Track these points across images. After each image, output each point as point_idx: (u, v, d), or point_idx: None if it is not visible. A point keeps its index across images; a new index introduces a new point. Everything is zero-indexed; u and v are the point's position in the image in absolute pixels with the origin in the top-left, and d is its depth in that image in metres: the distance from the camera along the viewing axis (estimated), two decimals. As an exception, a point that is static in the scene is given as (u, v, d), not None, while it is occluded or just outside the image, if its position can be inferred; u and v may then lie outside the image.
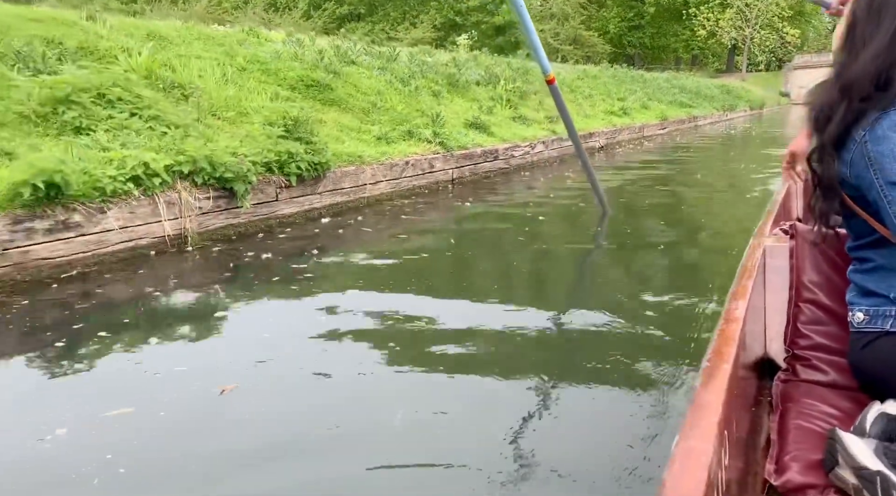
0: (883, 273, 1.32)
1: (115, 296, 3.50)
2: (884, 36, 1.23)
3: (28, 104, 4.80)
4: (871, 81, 1.22)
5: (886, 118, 1.20)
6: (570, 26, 43.99)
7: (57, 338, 2.89)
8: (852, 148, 1.25)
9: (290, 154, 5.25)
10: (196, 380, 2.49)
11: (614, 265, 4.60)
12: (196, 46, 8.36)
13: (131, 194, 4.08)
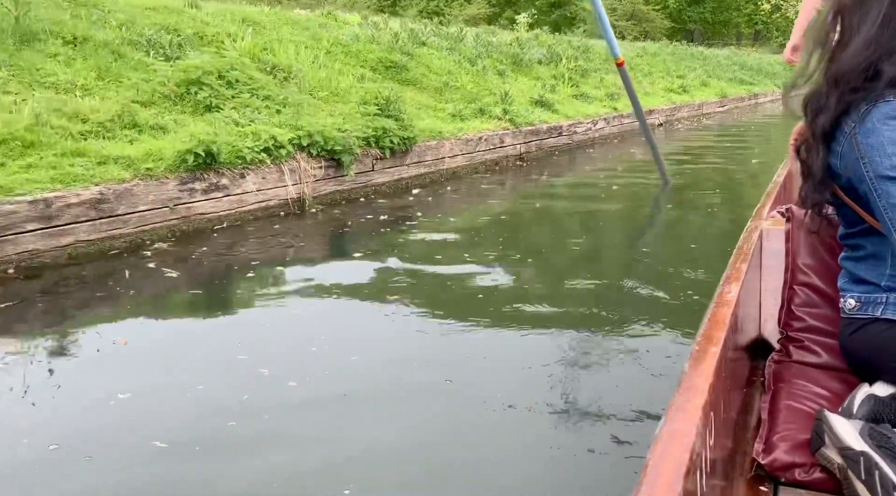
0: (874, 261, 1.33)
1: (250, 245, 4.32)
2: (871, 26, 1.22)
3: (168, 86, 5.66)
4: (860, 72, 1.22)
5: (876, 110, 1.19)
6: (629, 1, 43.52)
7: (206, 269, 3.71)
8: (842, 140, 1.25)
9: (385, 130, 5.99)
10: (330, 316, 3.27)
11: (672, 231, 5.23)
12: (285, 31, 9.15)
13: (264, 163, 4.89)
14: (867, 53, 1.21)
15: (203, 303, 3.36)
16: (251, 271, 3.78)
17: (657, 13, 43.94)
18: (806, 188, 1.37)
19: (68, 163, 4.02)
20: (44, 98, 4.81)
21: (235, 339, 2.78)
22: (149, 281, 3.52)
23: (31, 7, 5.84)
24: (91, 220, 3.82)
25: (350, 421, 2.13)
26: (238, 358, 2.58)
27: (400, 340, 2.84)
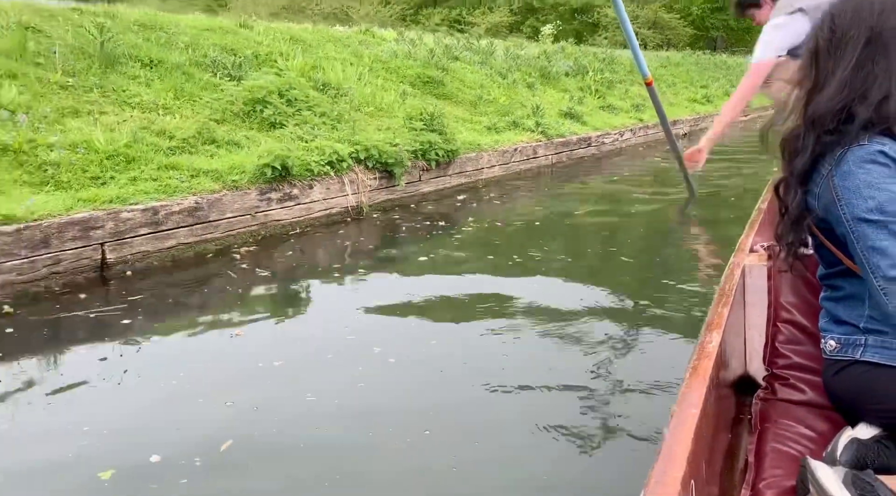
0: (853, 302, 1.33)
1: (322, 247, 4.88)
2: (844, 70, 1.26)
3: (236, 104, 6.26)
4: (835, 115, 1.25)
5: (851, 153, 1.22)
6: (650, 9, 43.77)
7: (292, 268, 4.27)
8: (819, 181, 1.28)
9: (430, 143, 6.54)
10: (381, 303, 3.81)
11: (699, 240, 5.71)
12: (329, 48, 9.76)
13: (328, 175, 5.45)
14: (841, 96, 1.25)
15: (295, 297, 3.91)
16: (327, 269, 4.35)
17: (679, 21, 44.18)
18: (782, 226, 1.40)
19: (166, 176, 4.61)
20: (134, 117, 5.43)
21: (336, 328, 3.32)
22: (246, 279, 4.09)
23: (113, 33, 6.46)
24: (189, 226, 4.40)
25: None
26: (348, 338, 3.13)
27: (435, 338, 3.37)
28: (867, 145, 1.21)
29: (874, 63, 1.24)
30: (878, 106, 1.22)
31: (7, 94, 4.90)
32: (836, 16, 1.31)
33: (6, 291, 3.49)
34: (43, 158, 4.32)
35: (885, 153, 1.21)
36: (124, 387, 2.65)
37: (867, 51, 1.25)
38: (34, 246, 3.59)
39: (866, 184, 1.20)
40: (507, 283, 4.05)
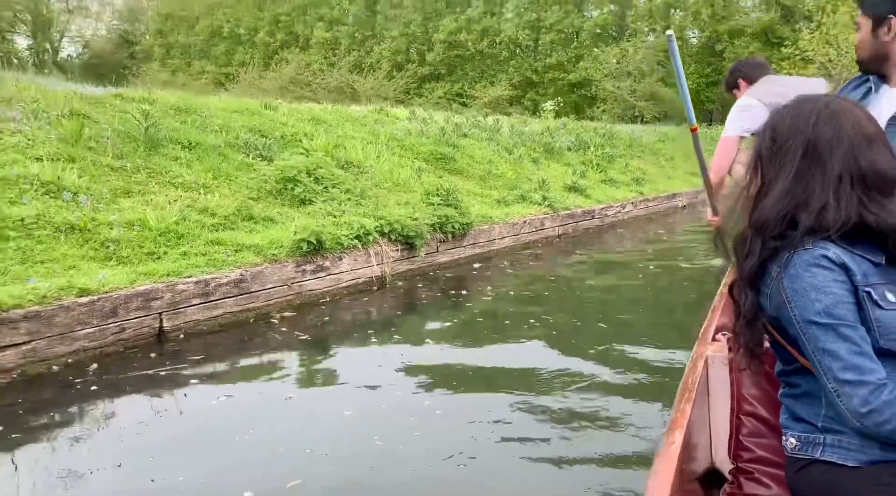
0: (810, 400, 1.34)
1: (351, 314, 5.31)
2: (785, 178, 1.31)
3: (270, 183, 6.80)
4: (779, 221, 1.30)
5: (798, 257, 1.27)
6: (647, 83, 45.31)
7: (327, 333, 4.69)
8: (770, 283, 1.31)
9: (447, 217, 7.05)
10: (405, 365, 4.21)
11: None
12: (348, 127, 10.42)
13: (356, 247, 5.93)
14: (784, 203, 1.30)
15: (333, 360, 4.32)
16: (359, 334, 4.78)
17: (676, 93, 45.63)
18: (738, 327, 1.41)
19: (213, 250, 5.08)
20: (179, 196, 5.95)
21: (380, 385, 3.72)
22: (286, 342, 4.50)
23: (155, 118, 7.07)
24: (234, 296, 4.84)
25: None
26: (396, 394, 3.52)
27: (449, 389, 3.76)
28: (811, 250, 1.26)
29: (811, 174, 1.30)
30: (818, 215, 1.27)
31: (69, 177, 5.43)
32: (776, 125, 1.37)
33: (81, 356, 3.91)
34: (105, 236, 4.80)
35: (828, 257, 1.25)
36: (205, 441, 3.05)
37: (804, 161, 1.30)
38: (104, 315, 4.03)
39: (813, 287, 1.24)
40: (522, 351, 4.46)
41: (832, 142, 1.29)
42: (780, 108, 1.39)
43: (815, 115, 1.32)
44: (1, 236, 4.39)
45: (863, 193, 1.27)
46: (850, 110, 1.33)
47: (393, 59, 74.28)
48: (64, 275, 4.18)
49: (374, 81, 71.17)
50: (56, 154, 5.83)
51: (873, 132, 1.32)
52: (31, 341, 3.68)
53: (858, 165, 1.28)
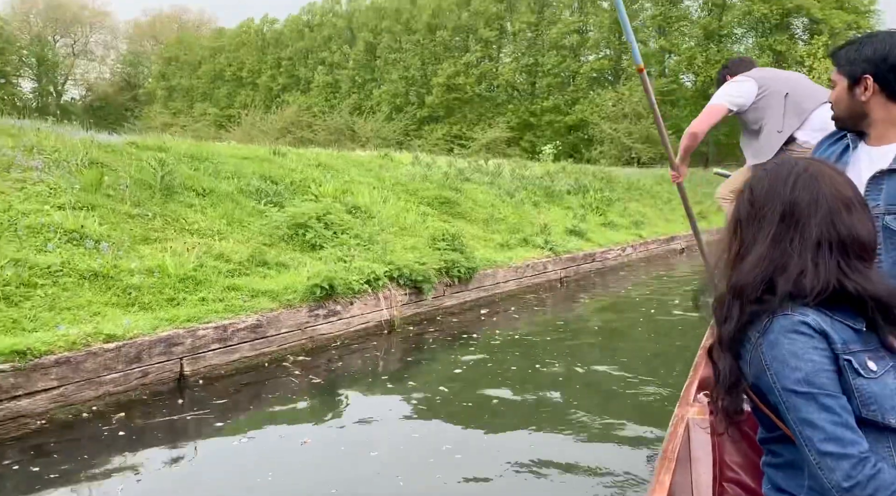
0: (791, 470, 1.31)
1: (362, 358, 5.46)
2: (763, 243, 1.30)
3: (281, 229, 7.00)
4: (758, 285, 1.28)
5: (777, 322, 1.24)
6: (643, 125, 46.07)
7: (340, 377, 4.83)
8: (749, 348, 1.29)
9: (453, 262, 7.24)
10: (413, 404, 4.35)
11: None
12: (354, 172, 10.68)
13: (366, 292, 6.10)
14: (762, 267, 1.29)
15: (346, 403, 4.45)
16: (370, 378, 4.92)
17: (671, 136, 46.34)
18: (717, 391, 1.38)
19: (230, 296, 5.25)
20: (195, 242, 6.14)
21: (396, 429, 3.86)
22: (301, 386, 4.65)
23: (169, 166, 7.30)
24: (251, 341, 5.00)
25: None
26: (413, 436, 3.66)
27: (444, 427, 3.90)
28: (791, 316, 1.24)
29: (790, 239, 1.29)
30: (796, 280, 1.26)
31: (91, 225, 5.63)
32: (754, 188, 1.36)
33: (107, 400, 4.05)
34: (127, 282, 4.98)
35: (808, 324, 1.23)
36: (225, 484, 3.18)
37: (782, 225, 1.30)
38: (129, 361, 4.18)
39: (792, 354, 1.21)
40: (528, 394, 4.60)
41: (810, 206, 1.29)
42: (759, 171, 1.39)
43: (794, 179, 1.32)
44: (29, 283, 4.56)
45: (842, 259, 1.26)
46: (828, 174, 1.32)
47: (392, 102, 75.54)
48: (90, 321, 4.34)
49: (373, 123, 72.25)
50: (77, 202, 6.04)
51: (851, 197, 1.31)
52: (61, 386, 3.83)
53: (837, 231, 1.27)
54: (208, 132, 77.42)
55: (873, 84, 1.76)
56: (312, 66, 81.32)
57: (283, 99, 79.82)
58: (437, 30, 68.54)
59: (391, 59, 73.25)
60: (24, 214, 5.52)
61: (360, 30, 76.04)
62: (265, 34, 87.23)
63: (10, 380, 3.60)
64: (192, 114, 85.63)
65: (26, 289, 4.49)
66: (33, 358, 3.71)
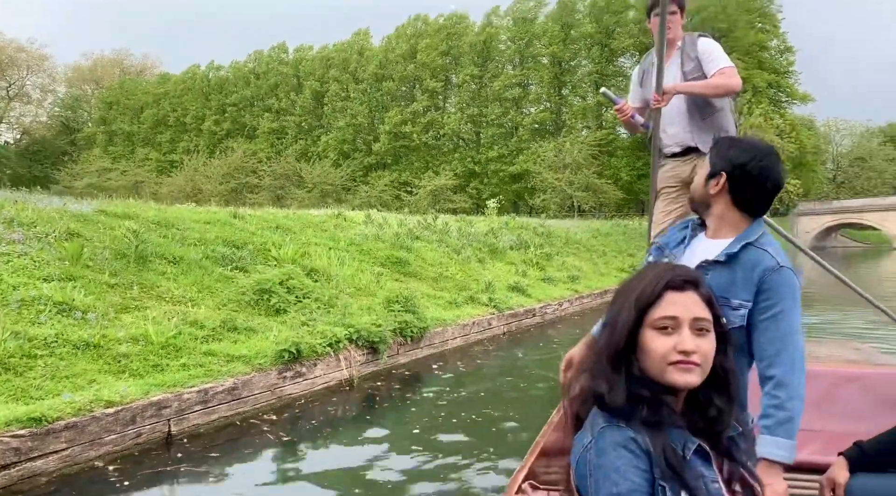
0: None
1: (323, 415, 6.12)
2: (602, 354, 1.38)
3: (247, 294, 7.64)
4: (589, 396, 1.36)
5: (608, 433, 1.27)
6: (584, 175, 48.08)
7: (306, 434, 5.49)
8: (580, 450, 1.32)
9: (407, 322, 7.98)
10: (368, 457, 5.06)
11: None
12: (309, 233, 11.39)
13: (328, 354, 6.77)
14: (590, 381, 1.35)
15: (312, 458, 5.10)
16: (331, 434, 5.58)
17: (610, 185, 48.52)
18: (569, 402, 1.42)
19: (209, 361, 5.86)
20: (171, 310, 6.73)
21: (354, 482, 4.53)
22: (272, 443, 5.28)
23: (143, 236, 7.89)
24: (228, 402, 5.61)
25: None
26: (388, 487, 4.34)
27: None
28: (623, 429, 1.27)
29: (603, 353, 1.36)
30: (608, 395, 1.32)
31: (77, 296, 6.19)
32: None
33: (106, 458, 4.61)
34: (116, 351, 5.56)
35: (636, 441, 1.25)
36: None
37: (604, 338, 1.39)
38: (125, 423, 4.76)
39: (615, 468, 1.23)
40: (479, 445, 5.34)
41: (616, 320, 1.37)
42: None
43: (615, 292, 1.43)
44: (30, 355, 5.11)
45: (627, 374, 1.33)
46: (634, 283, 1.41)
47: (339, 148, 76.35)
48: (88, 388, 4.90)
49: (320, 169, 72.56)
50: (61, 274, 6.59)
51: (612, 311, 1.41)
52: (69, 448, 4.38)
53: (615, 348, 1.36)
54: (150, 177, 76.88)
55: (725, 182, 1.94)
56: (258, 112, 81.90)
57: (227, 144, 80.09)
58: (384, 79, 70.30)
59: (338, 107, 74.52)
60: (14, 288, 6.06)
61: (307, 78, 77.27)
62: (210, 80, 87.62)
63: (28, 444, 4.15)
64: (133, 159, 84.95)
65: (28, 360, 5.04)
66: (47, 423, 4.27)
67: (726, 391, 1.38)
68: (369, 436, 5.54)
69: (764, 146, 1.96)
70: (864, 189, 72.72)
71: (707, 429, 1.35)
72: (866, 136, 78.98)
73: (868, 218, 59.33)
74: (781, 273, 1.87)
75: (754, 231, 1.94)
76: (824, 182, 70.28)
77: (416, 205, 53.59)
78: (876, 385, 3.05)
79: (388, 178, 66.42)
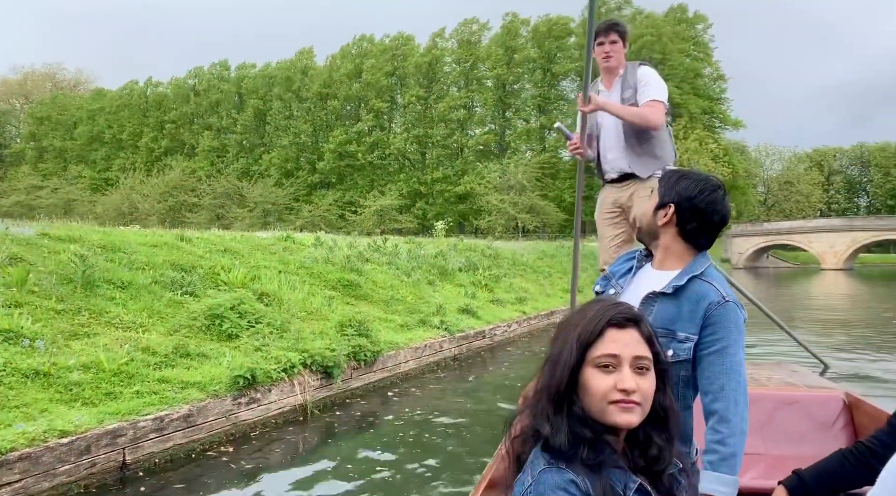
0: None
1: (281, 443, 6.12)
2: (533, 396, 1.40)
3: (199, 320, 7.57)
4: (531, 434, 1.35)
5: (549, 475, 1.27)
6: (528, 196, 48.97)
7: (262, 463, 5.50)
8: (522, 489, 1.31)
9: (360, 346, 8.04)
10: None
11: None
12: (258, 256, 11.32)
13: (283, 379, 6.77)
14: (533, 420, 1.35)
15: (269, 488, 5.11)
16: (287, 462, 5.59)
17: (553, 207, 49.54)
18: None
19: (163, 388, 5.80)
20: (122, 336, 6.63)
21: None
22: (228, 472, 5.26)
23: (90, 261, 7.74)
24: (183, 430, 5.56)
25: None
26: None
27: None
28: (564, 472, 1.26)
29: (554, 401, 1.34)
30: (551, 437, 1.31)
31: (25, 323, 6.05)
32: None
33: (60, 489, 4.52)
34: (67, 379, 5.45)
35: (576, 484, 1.25)
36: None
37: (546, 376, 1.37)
38: (80, 453, 4.68)
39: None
40: (431, 468, 5.44)
41: (558, 358, 1.37)
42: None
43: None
44: (-23, 385, 4.98)
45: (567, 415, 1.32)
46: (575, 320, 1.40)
47: (283, 167, 75.55)
48: (40, 418, 4.81)
49: (262, 188, 71.60)
50: (5, 301, 6.43)
51: (553, 349, 1.40)
52: (22, 479, 4.30)
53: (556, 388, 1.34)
54: (83, 195, 74.41)
55: (673, 214, 1.98)
56: (198, 130, 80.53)
57: (165, 162, 78.41)
58: (329, 98, 70.24)
59: (281, 125, 73.96)
60: (-43, 315, 5.88)
61: (250, 96, 76.50)
62: (148, 96, 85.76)
63: (-20, 477, 4.06)
64: (65, 176, 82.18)
65: (-24, 391, 4.91)
66: (2, 454, 4.18)
67: (665, 429, 1.38)
68: (326, 464, 5.57)
69: (713, 181, 1.99)
70: (793, 211, 76.25)
71: (647, 467, 1.35)
72: (794, 161, 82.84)
73: (796, 239, 62.14)
74: (727, 307, 1.90)
75: (700, 264, 1.97)
76: (756, 204, 73.33)
77: (361, 224, 53.51)
78: (813, 407, 3.20)
79: (332, 197, 66.13)
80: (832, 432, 3.09)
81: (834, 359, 9.44)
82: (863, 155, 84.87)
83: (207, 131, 79.25)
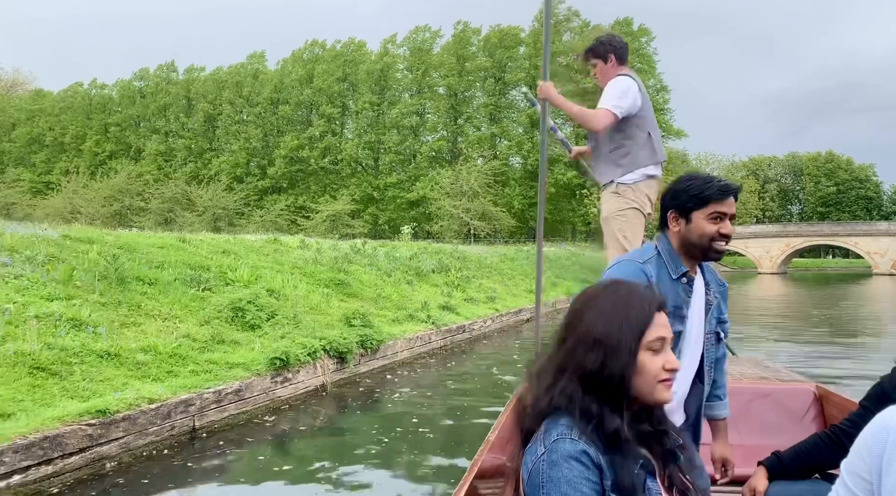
0: None
1: (308, 414, 7.05)
2: (551, 369, 1.42)
3: (224, 312, 8.40)
4: (546, 406, 1.38)
5: (561, 444, 1.29)
6: (480, 202, 50.02)
7: (298, 430, 6.44)
8: (533, 459, 1.33)
9: (367, 336, 8.99)
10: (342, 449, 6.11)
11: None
12: (253, 257, 12.11)
13: (308, 362, 7.68)
14: (546, 397, 1.38)
15: (308, 451, 6.04)
16: (318, 429, 6.54)
17: (504, 213, 50.79)
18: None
19: (213, 368, 6.65)
20: (162, 326, 7.44)
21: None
22: (272, 436, 6.18)
23: (121, 260, 8.48)
24: (235, 402, 6.44)
25: None
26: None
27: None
28: (577, 442, 1.30)
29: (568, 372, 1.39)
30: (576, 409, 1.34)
31: (86, 313, 6.81)
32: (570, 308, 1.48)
33: (150, 448, 5.37)
34: (134, 359, 6.27)
35: (589, 455, 1.28)
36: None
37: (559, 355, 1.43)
38: (164, 417, 5.53)
39: (567, 481, 1.26)
40: (428, 444, 6.46)
41: (617, 345, 1.36)
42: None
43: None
44: (66, 362, 5.77)
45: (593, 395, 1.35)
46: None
47: (233, 172, 74.83)
48: (128, 389, 5.63)
49: (212, 193, 70.69)
50: (58, 294, 7.16)
51: (603, 333, 1.37)
52: (125, 436, 5.14)
53: (582, 366, 1.37)
54: (22, 199, 72.37)
55: (677, 214, 2.10)
56: (144, 133, 79.20)
57: (110, 166, 76.81)
58: (280, 103, 70.17)
59: (232, 130, 73.45)
60: (23, 306, 6.62)
61: (199, 99, 75.71)
62: (92, 98, 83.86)
63: (98, 431, 4.89)
64: (3, 179, 79.59)
65: (66, 367, 5.70)
66: (110, 415, 5.02)
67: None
68: (340, 426, 6.59)
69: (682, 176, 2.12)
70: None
71: (651, 441, 1.41)
72: (732, 169, 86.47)
73: (734, 245, 65.23)
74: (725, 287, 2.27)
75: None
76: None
77: (313, 230, 53.80)
78: (786, 399, 3.35)
79: (284, 202, 65.99)
80: (804, 422, 3.21)
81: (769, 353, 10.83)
82: (795, 164, 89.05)
83: (155, 135, 78.08)
